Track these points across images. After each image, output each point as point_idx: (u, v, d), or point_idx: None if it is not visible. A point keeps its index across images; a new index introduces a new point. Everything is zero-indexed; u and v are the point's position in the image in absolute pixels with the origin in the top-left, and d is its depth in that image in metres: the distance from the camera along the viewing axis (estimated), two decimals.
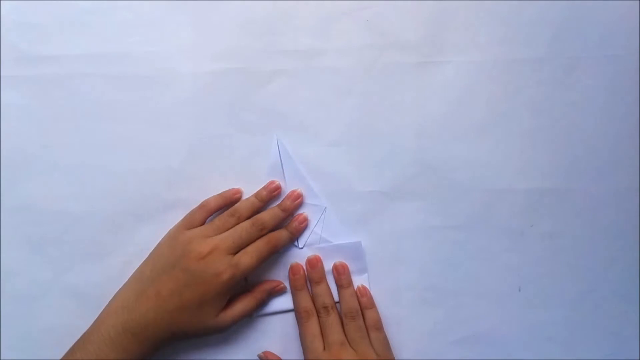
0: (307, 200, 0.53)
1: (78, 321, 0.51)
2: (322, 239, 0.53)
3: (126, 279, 0.49)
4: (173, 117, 0.53)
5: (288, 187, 0.53)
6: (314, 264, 0.52)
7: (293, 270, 0.52)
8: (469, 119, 0.53)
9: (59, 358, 0.46)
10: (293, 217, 0.52)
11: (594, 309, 0.52)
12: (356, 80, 0.53)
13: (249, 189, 0.52)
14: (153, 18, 0.53)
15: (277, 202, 0.52)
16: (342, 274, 0.52)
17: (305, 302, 0.51)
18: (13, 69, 0.53)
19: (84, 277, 0.52)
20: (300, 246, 0.52)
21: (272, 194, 0.52)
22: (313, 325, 0.50)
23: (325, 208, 0.53)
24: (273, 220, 0.51)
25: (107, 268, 0.52)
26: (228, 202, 0.52)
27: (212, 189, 0.52)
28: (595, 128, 0.53)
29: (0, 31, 0.53)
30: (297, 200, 0.52)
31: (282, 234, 0.51)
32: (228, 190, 0.52)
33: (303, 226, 0.52)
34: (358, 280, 0.53)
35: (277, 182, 0.52)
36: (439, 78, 0.53)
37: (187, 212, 0.51)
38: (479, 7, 0.53)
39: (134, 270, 0.50)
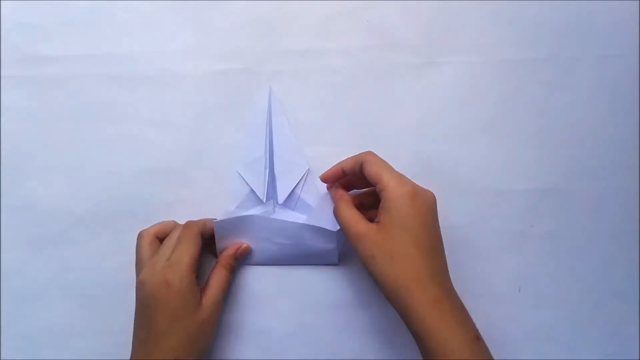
0: (292, 157, 0.52)
1: (78, 321, 0.52)
2: (300, 199, 0.52)
3: (126, 279, 0.49)
4: (173, 117, 0.53)
5: (274, 141, 0.52)
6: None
7: None
8: (469, 119, 0.53)
9: (59, 358, 0.46)
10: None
11: (594, 309, 0.52)
12: (356, 80, 0.53)
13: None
14: (153, 18, 0.53)
15: None
16: None
17: None
18: (13, 69, 0.53)
19: (84, 277, 0.52)
20: (279, 201, 0.51)
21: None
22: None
23: (308, 169, 0.52)
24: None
25: (107, 268, 0.52)
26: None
27: (212, 189, 0.52)
28: (595, 128, 0.53)
29: (1, 31, 0.53)
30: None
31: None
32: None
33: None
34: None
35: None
36: (439, 78, 0.53)
37: (187, 212, 0.51)
38: (479, 8, 0.53)
39: None
